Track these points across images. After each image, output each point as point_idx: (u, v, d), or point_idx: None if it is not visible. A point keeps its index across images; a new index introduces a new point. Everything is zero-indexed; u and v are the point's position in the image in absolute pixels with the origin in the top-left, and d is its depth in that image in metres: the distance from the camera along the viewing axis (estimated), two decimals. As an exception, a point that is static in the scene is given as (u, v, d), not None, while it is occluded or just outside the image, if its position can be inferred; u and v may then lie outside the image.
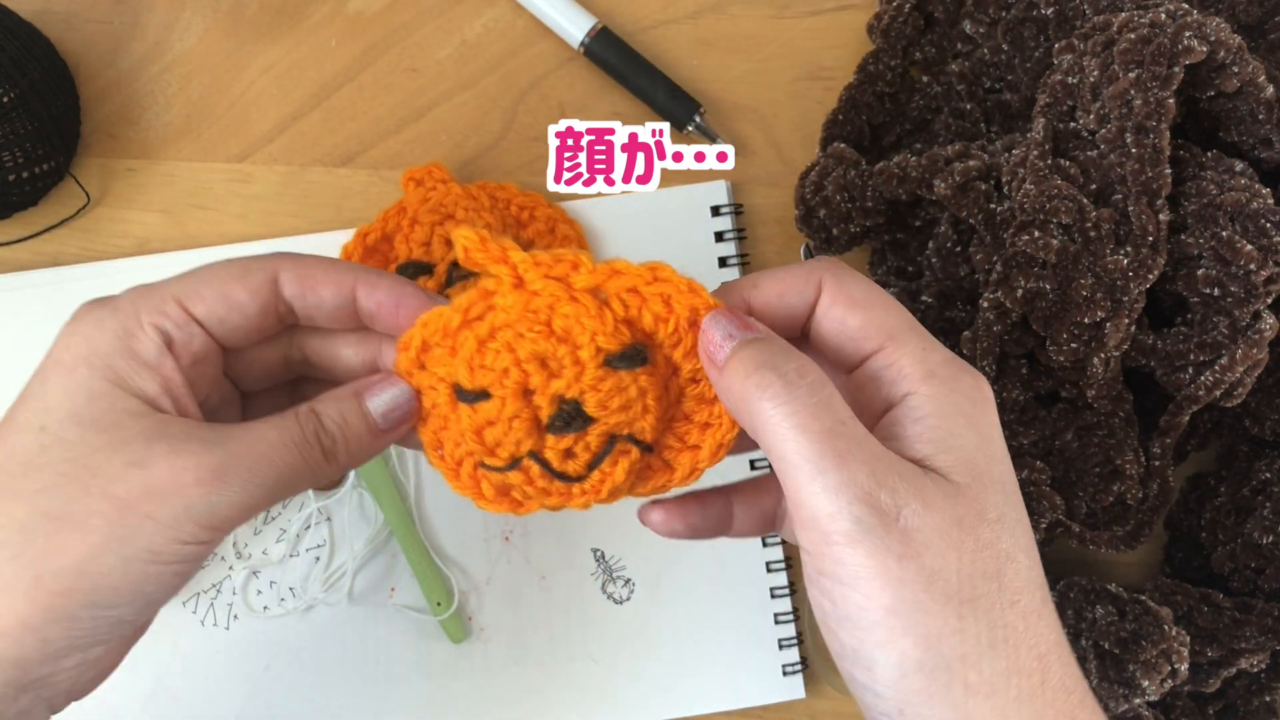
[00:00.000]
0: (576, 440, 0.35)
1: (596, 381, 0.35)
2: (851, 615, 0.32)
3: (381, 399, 0.36)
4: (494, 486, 0.37)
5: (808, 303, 0.35)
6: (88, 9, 0.57)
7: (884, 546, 0.31)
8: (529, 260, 0.35)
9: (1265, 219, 0.45)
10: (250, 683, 0.52)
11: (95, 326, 0.33)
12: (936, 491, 0.32)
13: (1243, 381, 0.46)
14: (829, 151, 0.53)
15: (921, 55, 0.56)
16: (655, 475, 0.38)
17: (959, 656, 0.31)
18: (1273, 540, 0.49)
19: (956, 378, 0.33)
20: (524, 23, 0.58)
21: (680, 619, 0.54)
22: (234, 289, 0.34)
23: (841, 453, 0.31)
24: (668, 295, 0.35)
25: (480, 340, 0.35)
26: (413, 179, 0.53)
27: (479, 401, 0.35)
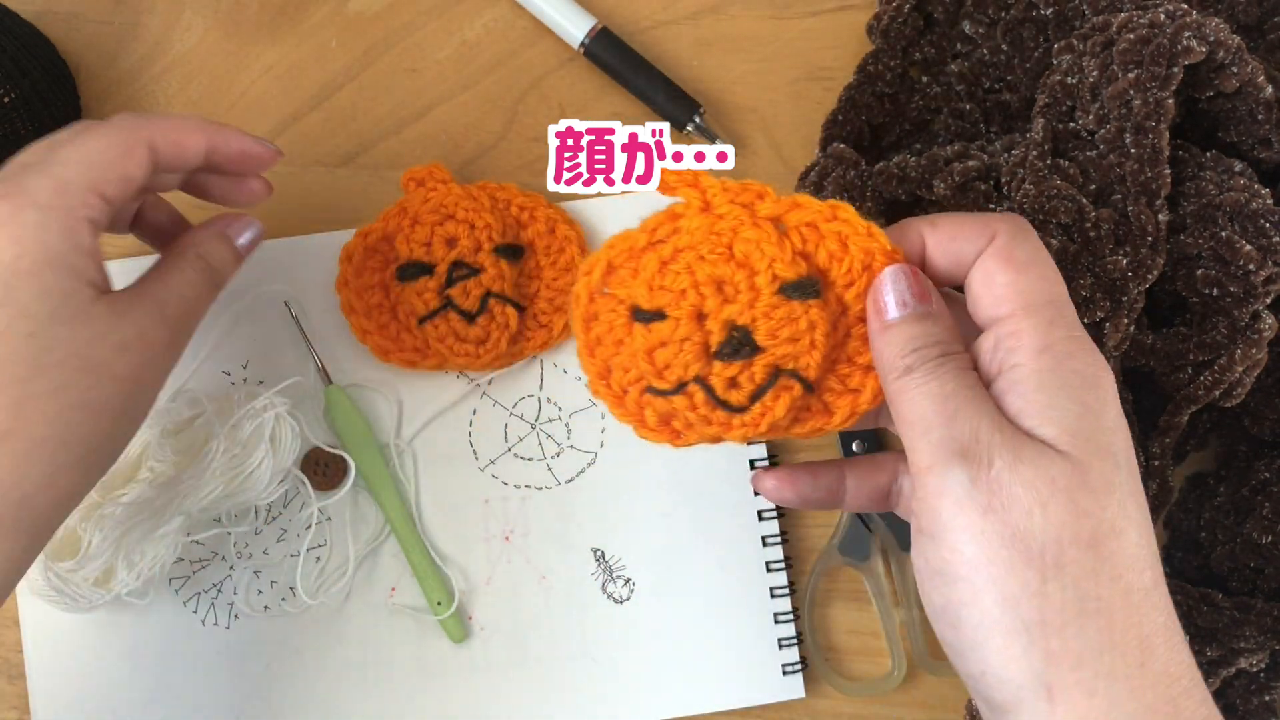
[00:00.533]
0: (742, 369, 0.36)
1: (770, 309, 0.36)
2: (941, 570, 0.32)
3: (245, 237, 0.45)
4: (657, 414, 0.38)
5: (977, 250, 0.35)
6: (89, 10, 0.57)
7: (970, 498, 0.31)
8: (718, 185, 0.37)
9: (1264, 219, 0.45)
10: (250, 682, 0.52)
11: (40, 229, 0.37)
12: (1034, 451, 0.32)
13: (1242, 381, 0.46)
14: (829, 152, 0.53)
15: (921, 56, 0.56)
16: (813, 417, 0.38)
17: (1039, 621, 0.31)
18: (1272, 540, 0.49)
19: (1071, 355, 0.33)
20: (524, 23, 0.58)
21: (680, 619, 0.54)
22: (128, 168, 0.39)
23: (951, 413, 0.33)
24: (845, 235, 0.36)
25: (662, 261, 0.37)
26: (413, 179, 0.53)
27: (654, 322, 0.37)
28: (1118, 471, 0.32)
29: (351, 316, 0.52)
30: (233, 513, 0.52)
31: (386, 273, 0.52)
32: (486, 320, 0.52)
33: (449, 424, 0.54)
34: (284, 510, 0.54)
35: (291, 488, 0.53)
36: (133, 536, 0.49)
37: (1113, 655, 0.31)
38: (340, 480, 0.53)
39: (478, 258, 0.51)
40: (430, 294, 0.51)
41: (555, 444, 0.55)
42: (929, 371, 0.34)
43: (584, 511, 0.54)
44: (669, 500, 0.54)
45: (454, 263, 0.51)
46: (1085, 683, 0.31)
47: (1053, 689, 0.31)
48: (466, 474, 0.54)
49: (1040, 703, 0.31)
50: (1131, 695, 0.31)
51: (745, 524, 0.54)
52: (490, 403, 0.55)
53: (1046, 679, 0.31)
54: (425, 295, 0.51)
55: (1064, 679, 0.31)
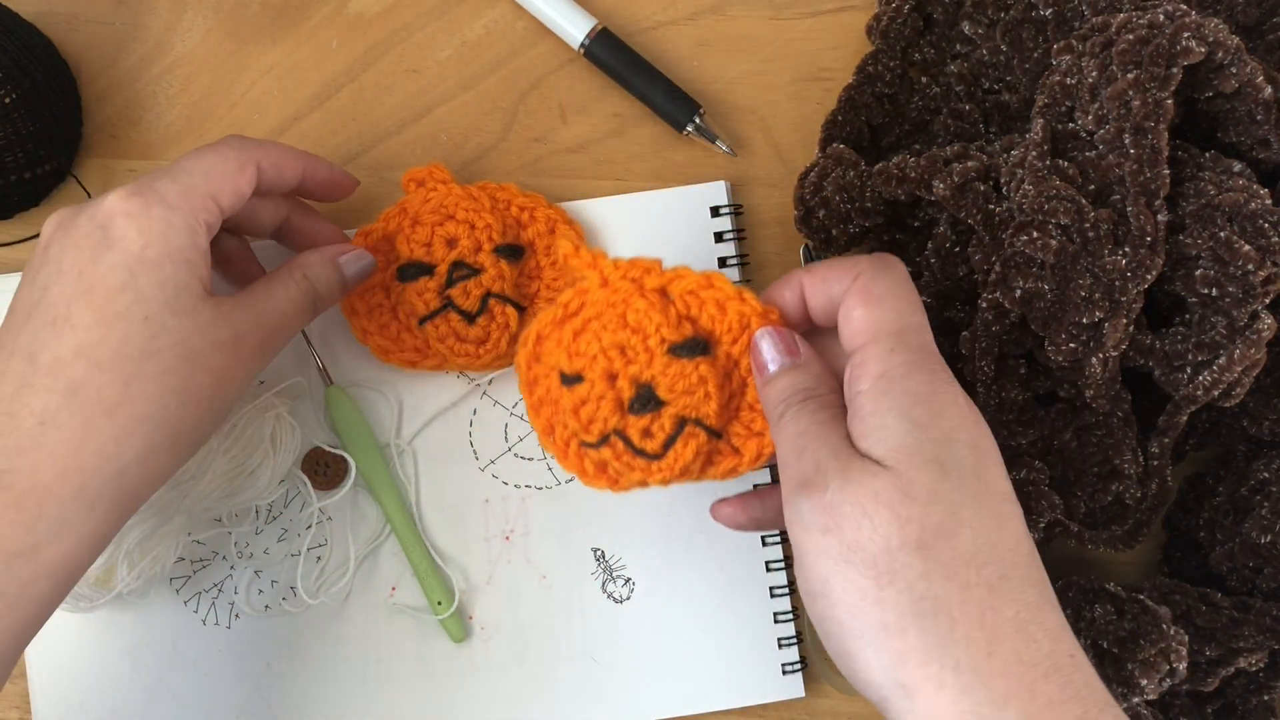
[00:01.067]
0: (652, 420, 0.42)
1: (664, 367, 0.42)
2: (807, 590, 0.36)
3: (354, 269, 0.48)
4: (594, 464, 0.44)
5: (845, 289, 0.39)
6: (89, 10, 0.57)
7: (812, 523, 0.35)
8: (611, 264, 0.43)
9: (1263, 219, 0.45)
10: (251, 681, 0.53)
11: (166, 225, 0.40)
12: (860, 470, 0.35)
13: (1241, 381, 0.46)
14: (828, 152, 0.53)
15: (920, 56, 0.56)
16: (725, 459, 0.44)
17: (880, 625, 0.33)
18: (1271, 539, 0.49)
19: (905, 377, 0.36)
20: (524, 24, 0.58)
21: (680, 619, 0.54)
22: (240, 183, 0.43)
23: (801, 449, 0.37)
24: (721, 300, 0.42)
25: (575, 331, 0.43)
26: (414, 180, 0.53)
27: (576, 384, 0.43)
28: (945, 479, 0.34)
29: (352, 318, 0.52)
30: (233, 512, 0.52)
31: (387, 273, 0.52)
32: (487, 320, 0.52)
33: (449, 424, 0.55)
34: (284, 510, 0.54)
35: (292, 488, 0.53)
36: (133, 536, 0.49)
37: (956, 649, 0.33)
38: (340, 480, 0.53)
39: (478, 258, 0.51)
40: (430, 294, 0.51)
41: (555, 444, 0.55)
42: (792, 416, 0.38)
43: (584, 511, 0.54)
44: (669, 500, 0.54)
45: (454, 263, 0.51)
46: (934, 677, 0.33)
47: (907, 686, 0.33)
48: (466, 474, 0.54)
49: (902, 700, 0.33)
50: (979, 684, 0.32)
51: (745, 524, 0.54)
52: (490, 403, 0.55)
53: (899, 677, 0.33)
54: (425, 295, 0.51)
55: (913, 675, 0.33)
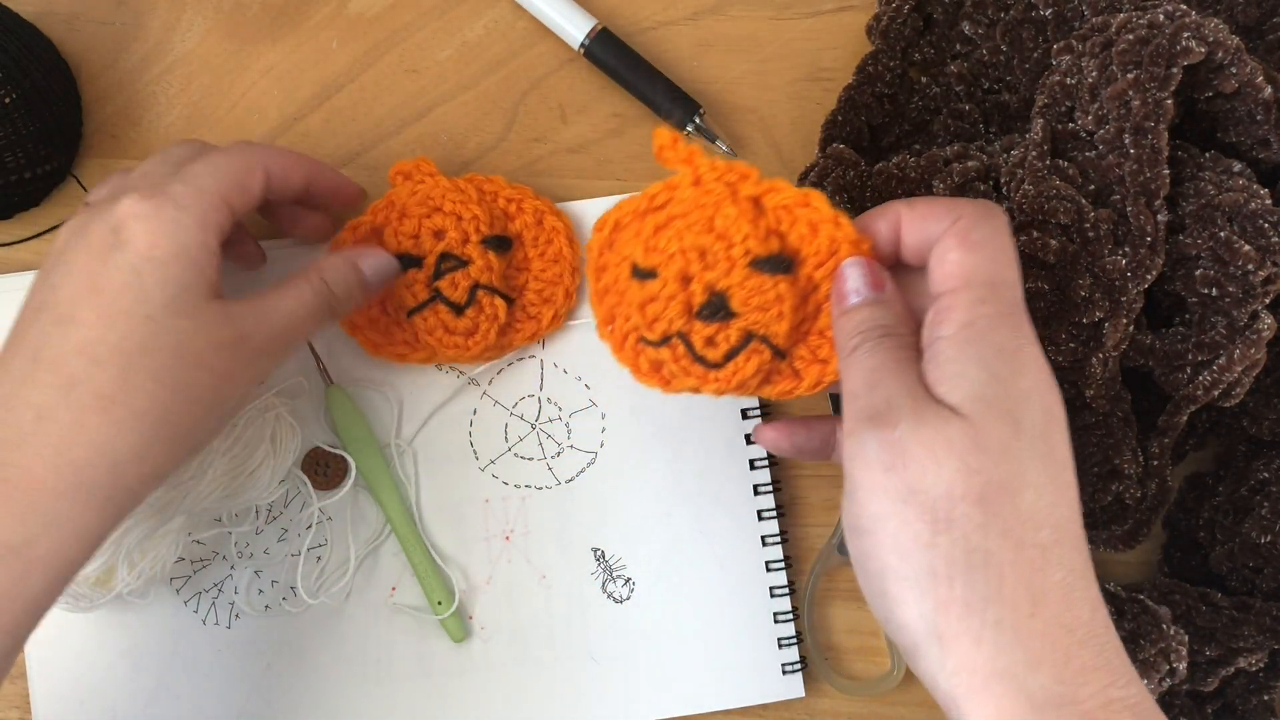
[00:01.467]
0: (719, 330, 0.41)
1: (743, 279, 0.40)
2: (854, 525, 0.35)
3: (375, 269, 0.48)
4: (649, 361, 0.44)
5: (944, 230, 0.38)
6: (89, 10, 0.57)
7: (876, 459, 0.34)
8: (708, 163, 0.41)
9: (1263, 219, 0.45)
10: (251, 682, 0.52)
11: (175, 225, 0.40)
12: (934, 413, 0.34)
13: (1240, 381, 0.46)
14: (828, 152, 0.53)
15: (920, 56, 0.56)
16: (783, 380, 0.43)
17: (930, 572, 0.33)
18: (1271, 540, 0.49)
19: (992, 329, 0.36)
20: (524, 24, 0.58)
21: (680, 619, 0.54)
22: (251, 185, 0.43)
23: (874, 383, 0.36)
24: (815, 221, 0.41)
25: (657, 226, 0.42)
26: (401, 173, 0.52)
27: (647, 279, 0.42)
28: (1018, 436, 0.34)
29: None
30: (233, 512, 0.52)
31: None
32: (475, 312, 0.51)
33: (449, 424, 0.55)
34: (284, 510, 0.54)
35: (292, 488, 0.53)
36: (133, 536, 0.49)
37: (1000, 605, 0.33)
38: (340, 480, 0.53)
39: (465, 249, 0.51)
40: (419, 286, 0.51)
41: (555, 444, 0.55)
42: (868, 350, 0.37)
43: (584, 511, 0.54)
44: (669, 500, 0.54)
45: (442, 254, 0.51)
46: (973, 631, 0.33)
47: (943, 636, 0.33)
48: (466, 474, 0.54)
49: (933, 649, 0.33)
50: (1018, 643, 0.32)
51: (745, 524, 0.54)
52: (490, 403, 0.55)
53: (937, 626, 0.33)
54: (414, 287, 0.51)
55: (952, 627, 0.33)
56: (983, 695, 0.32)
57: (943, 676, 0.33)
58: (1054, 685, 0.32)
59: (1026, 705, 0.32)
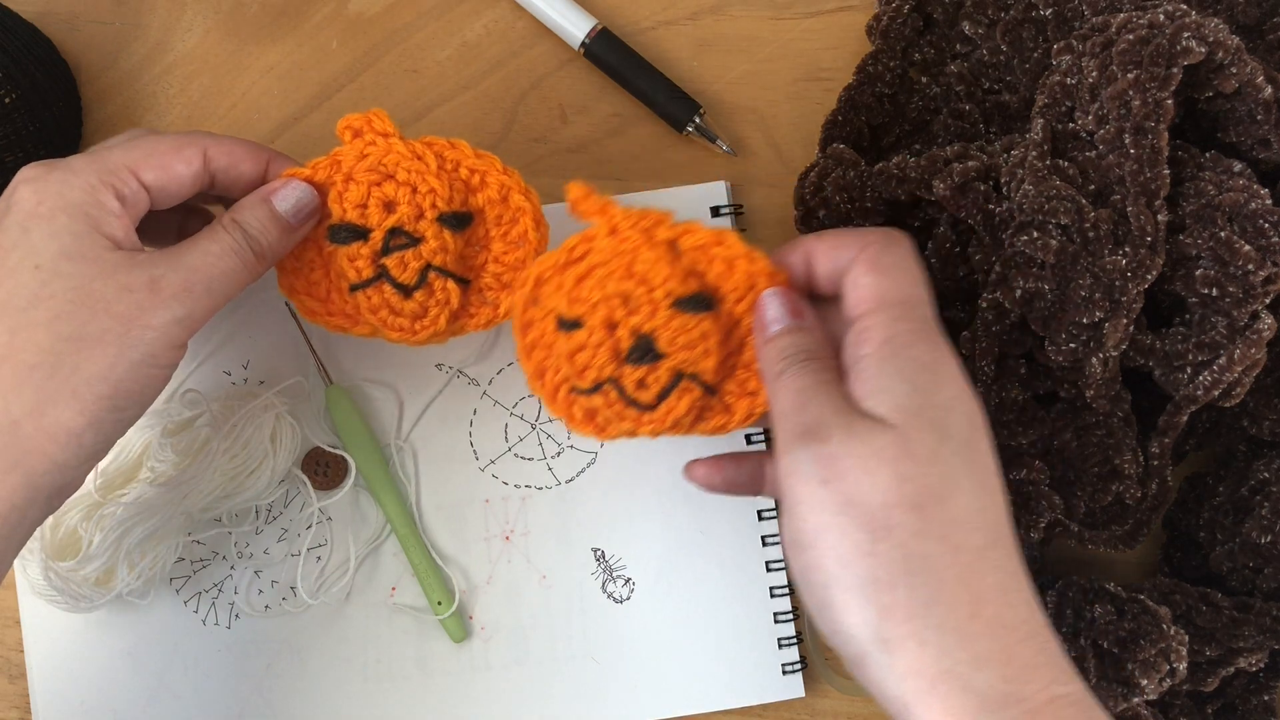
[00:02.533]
0: (649, 372, 0.42)
1: (667, 320, 0.42)
2: (794, 540, 0.36)
3: (288, 201, 0.44)
4: (583, 410, 0.44)
5: (853, 257, 0.40)
6: (89, 10, 0.57)
7: (812, 473, 0.35)
8: (622, 212, 0.42)
9: (1263, 219, 0.45)
10: (251, 682, 0.53)
11: (63, 184, 0.39)
12: (864, 426, 0.36)
13: (1241, 381, 0.46)
14: (828, 152, 0.53)
15: (920, 56, 0.56)
16: (715, 415, 0.44)
17: (872, 579, 0.34)
18: (1271, 540, 0.49)
19: (910, 344, 0.38)
20: (524, 24, 0.58)
21: (680, 619, 0.54)
22: (173, 160, 0.42)
23: (803, 403, 0.37)
24: (730, 258, 0.42)
25: (579, 276, 0.43)
26: (350, 128, 0.46)
27: (574, 330, 0.43)
28: (944, 444, 0.35)
29: (280, 273, 0.47)
30: (233, 512, 0.52)
31: (319, 228, 0.46)
32: (424, 295, 0.46)
33: (449, 424, 0.55)
34: (284, 510, 0.54)
35: (292, 488, 0.53)
36: (133, 536, 0.49)
37: (941, 608, 0.34)
38: (340, 480, 0.53)
39: (418, 226, 0.45)
40: (363, 261, 0.46)
41: (555, 444, 0.55)
42: (794, 372, 0.39)
43: (584, 511, 0.54)
44: (669, 500, 0.54)
45: (391, 229, 0.45)
46: (917, 634, 0.33)
47: (889, 641, 0.34)
48: (466, 474, 0.54)
49: (881, 655, 0.34)
50: (961, 644, 0.33)
51: (745, 524, 0.54)
52: (490, 403, 0.55)
53: (883, 632, 0.34)
54: (357, 262, 0.46)
55: (897, 631, 0.34)
56: (930, 697, 0.33)
57: (891, 681, 0.34)
58: (1000, 683, 0.33)
59: (976, 703, 0.33)
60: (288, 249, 0.44)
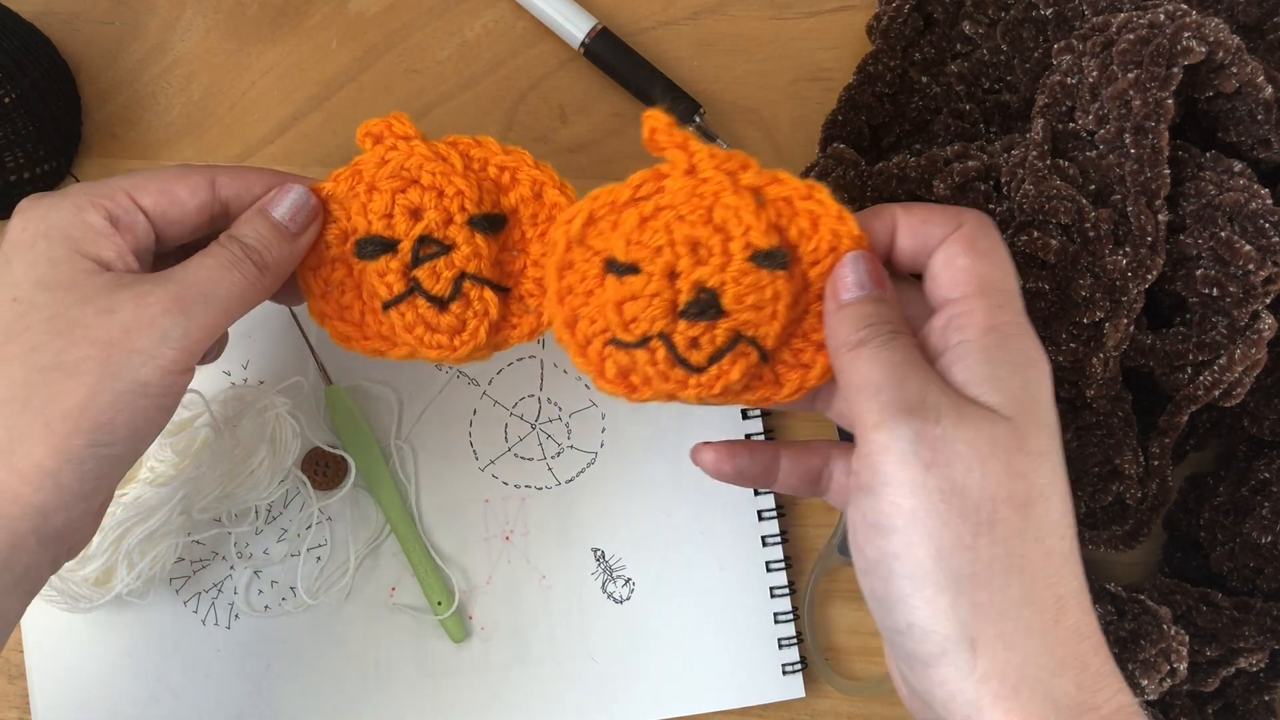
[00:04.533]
0: (705, 331, 0.38)
1: (739, 274, 0.37)
2: (878, 523, 0.34)
3: (283, 206, 0.41)
4: (617, 366, 0.39)
5: (944, 235, 0.37)
6: (89, 10, 0.57)
7: (914, 454, 0.33)
8: (705, 151, 0.38)
9: (1264, 219, 0.45)
10: (251, 682, 0.52)
11: (49, 209, 0.38)
12: (977, 413, 0.34)
13: (1241, 381, 0.46)
14: (828, 152, 0.53)
15: (921, 56, 0.56)
16: (764, 386, 0.40)
17: (969, 575, 0.32)
18: (1271, 540, 0.49)
19: (1015, 336, 0.36)
20: (524, 23, 0.58)
21: (680, 619, 0.54)
22: (175, 186, 0.40)
23: (901, 378, 0.34)
24: (817, 215, 0.38)
25: (643, 217, 0.38)
26: (370, 134, 0.43)
27: (628, 275, 0.38)
28: (1052, 442, 0.34)
29: (309, 298, 0.44)
30: (233, 512, 0.52)
31: (346, 247, 0.43)
32: (461, 307, 0.42)
33: (449, 424, 0.55)
34: (284, 510, 0.54)
35: (291, 488, 0.53)
36: (133, 536, 0.49)
37: (1031, 611, 0.33)
38: (340, 480, 0.53)
39: (448, 232, 0.42)
40: (394, 276, 0.42)
41: (555, 444, 0.55)
42: (881, 344, 0.36)
43: (584, 511, 0.54)
44: (669, 500, 0.54)
45: (420, 238, 0.42)
46: (1005, 635, 0.32)
47: (976, 641, 0.32)
48: (466, 474, 0.54)
49: (964, 654, 0.32)
50: (1046, 650, 0.32)
51: (745, 524, 0.54)
52: (490, 403, 0.55)
53: (971, 631, 0.32)
54: (388, 277, 0.42)
55: (986, 631, 0.32)
56: (1010, 703, 0.32)
57: (970, 684, 0.32)
58: (1075, 691, 0.32)
59: (1052, 710, 0.32)
60: (294, 258, 0.41)
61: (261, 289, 0.40)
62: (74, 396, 0.35)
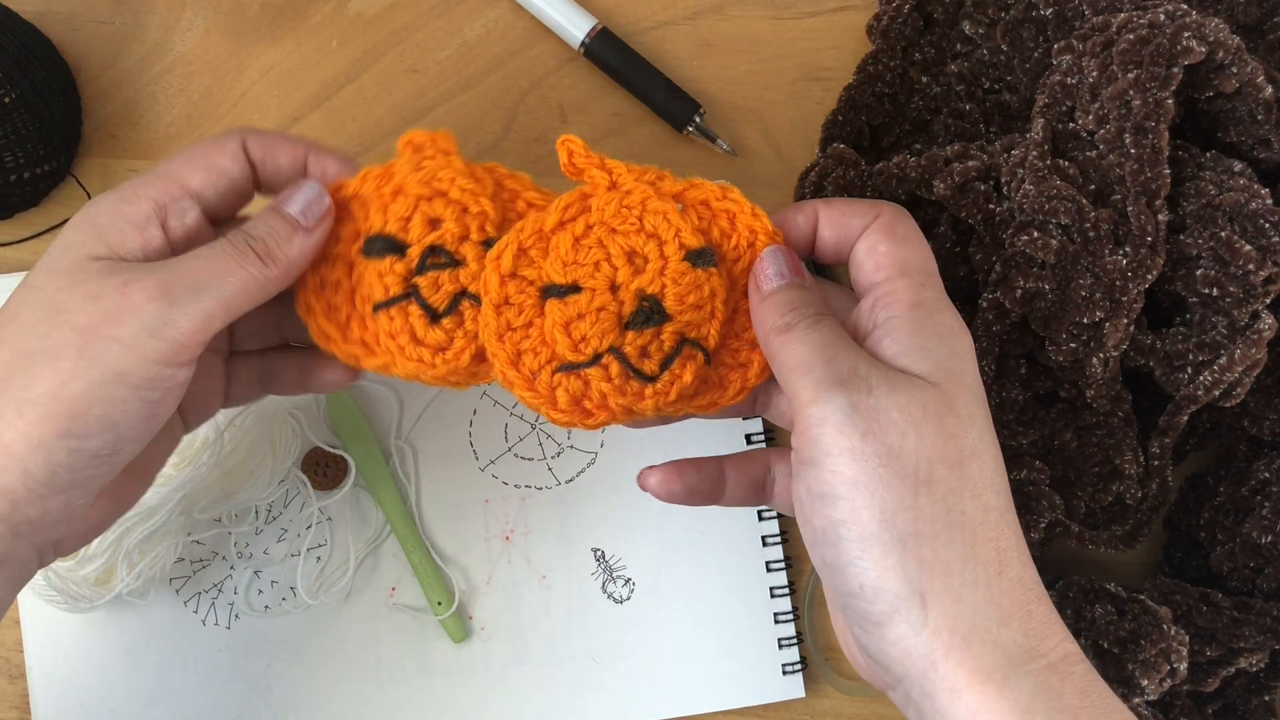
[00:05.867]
0: (653, 338, 0.39)
1: (678, 275, 0.39)
2: (822, 493, 0.35)
3: (295, 200, 0.40)
4: (569, 394, 0.40)
5: (863, 225, 0.40)
6: (89, 10, 0.57)
7: (851, 423, 0.35)
8: (623, 166, 0.41)
9: (1264, 219, 0.45)
10: (251, 682, 0.52)
11: (96, 201, 0.38)
12: (907, 381, 0.35)
13: (1241, 381, 0.46)
14: (829, 152, 0.53)
15: (921, 56, 0.56)
16: (709, 391, 0.41)
17: (913, 533, 0.34)
18: (1271, 540, 0.49)
19: (940, 311, 0.38)
20: (524, 23, 0.58)
21: (680, 619, 0.54)
22: (217, 158, 0.40)
23: (830, 355, 0.36)
24: (733, 214, 0.41)
25: (576, 237, 0.40)
26: (411, 144, 0.43)
27: (569, 295, 0.39)
28: (978, 406, 0.36)
29: (300, 288, 0.42)
30: (233, 513, 0.52)
31: (353, 247, 0.42)
32: (453, 324, 0.41)
33: (449, 424, 0.55)
34: (284, 510, 0.54)
35: (291, 488, 0.53)
36: (132, 536, 0.49)
37: (975, 564, 0.34)
38: (340, 480, 0.53)
39: (461, 248, 0.41)
40: (393, 278, 0.41)
41: (555, 444, 0.55)
42: (807, 325, 0.37)
43: (584, 511, 0.54)
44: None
45: (431, 247, 0.41)
46: (953, 589, 0.34)
47: (925, 596, 0.34)
48: (466, 474, 0.54)
49: (915, 609, 0.34)
50: (991, 601, 0.34)
51: (745, 524, 0.54)
52: (490, 403, 0.55)
53: (920, 586, 0.34)
54: (387, 278, 0.41)
55: (934, 585, 0.34)
56: (961, 653, 0.33)
57: (921, 638, 0.34)
58: (1023, 639, 0.34)
59: (1002, 659, 0.33)
60: (306, 253, 0.40)
61: (265, 282, 0.39)
62: (47, 382, 0.34)
